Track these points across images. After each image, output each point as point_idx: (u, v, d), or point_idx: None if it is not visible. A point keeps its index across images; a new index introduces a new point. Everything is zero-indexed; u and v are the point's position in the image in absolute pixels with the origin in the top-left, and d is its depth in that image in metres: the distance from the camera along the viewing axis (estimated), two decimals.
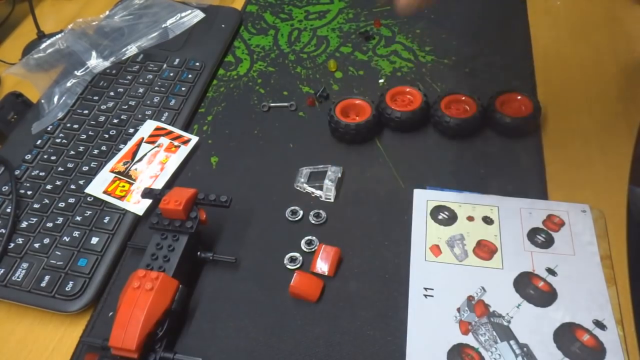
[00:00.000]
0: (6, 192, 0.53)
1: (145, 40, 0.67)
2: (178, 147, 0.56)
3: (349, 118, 0.56)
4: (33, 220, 0.51)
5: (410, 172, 0.53)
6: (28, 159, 0.56)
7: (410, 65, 0.64)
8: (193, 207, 0.46)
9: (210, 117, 0.61)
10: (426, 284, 0.45)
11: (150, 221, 0.46)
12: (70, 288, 0.46)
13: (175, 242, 0.45)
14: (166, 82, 0.63)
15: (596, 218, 0.48)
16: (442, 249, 0.47)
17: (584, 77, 0.61)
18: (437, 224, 0.49)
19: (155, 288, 0.40)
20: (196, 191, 0.47)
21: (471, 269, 0.45)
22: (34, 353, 0.45)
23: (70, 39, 0.66)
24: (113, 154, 0.56)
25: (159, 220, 0.46)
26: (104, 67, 0.65)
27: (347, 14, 0.72)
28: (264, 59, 0.67)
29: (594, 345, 0.40)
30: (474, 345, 0.41)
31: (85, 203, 0.52)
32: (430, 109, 0.56)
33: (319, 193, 0.52)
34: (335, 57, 0.66)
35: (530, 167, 0.52)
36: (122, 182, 0.53)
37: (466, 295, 0.44)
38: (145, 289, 0.40)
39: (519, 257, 0.46)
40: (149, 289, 0.40)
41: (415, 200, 0.50)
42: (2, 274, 0.47)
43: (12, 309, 0.47)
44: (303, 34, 0.70)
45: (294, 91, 0.63)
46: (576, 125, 0.56)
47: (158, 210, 0.46)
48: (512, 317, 0.42)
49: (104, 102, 0.62)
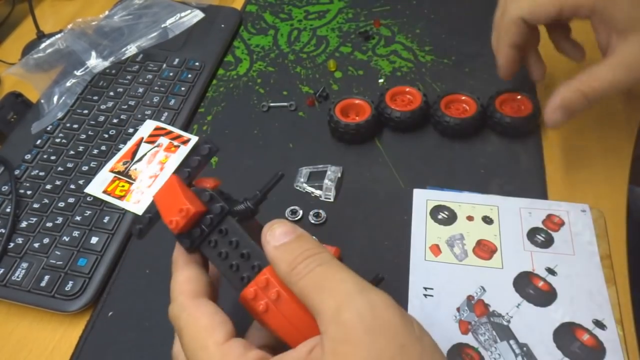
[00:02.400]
0: (6, 192, 0.53)
1: (145, 40, 0.67)
2: (178, 147, 0.56)
3: (348, 118, 0.56)
4: (33, 220, 0.51)
5: (410, 172, 0.53)
6: (28, 159, 0.56)
7: (410, 65, 0.64)
8: (201, 195, 0.34)
9: (210, 117, 0.61)
10: (426, 283, 0.45)
11: (186, 246, 0.34)
12: (70, 288, 0.46)
13: (226, 236, 0.33)
14: (166, 82, 0.63)
15: (596, 218, 0.48)
16: (441, 249, 0.47)
17: None
18: (436, 224, 0.49)
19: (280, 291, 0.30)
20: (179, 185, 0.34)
21: (471, 269, 0.45)
22: (34, 353, 0.45)
23: (70, 39, 0.66)
24: (113, 154, 0.56)
25: (190, 236, 0.34)
26: (104, 67, 0.65)
27: (347, 13, 0.72)
28: (264, 58, 0.67)
29: (593, 344, 0.40)
30: (473, 344, 0.41)
31: (85, 203, 0.52)
32: (430, 108, 0.56)
33: (319, 193, 0.52)
34: (335, 57, 0.66)
35: (530, 167, 0.53)
36: (122, 182, 0.53)
37: (466, 295, 0.44)
38: (272, 301, 0.30)
39: (518, 257, 0.46)
40: (275, 299, 0.30)
41: (415, 200, 0.50)
42: (2, 274, 0.47)
43: (12, 308, 0.47)
44: (303, 33, 0.70)
45: (294, 91, 0.63)
46: (576, 126, 0.56)
47: (183, 236, 0.34)
48: (511, 317, 0.42)
49: (104, 102, 0.62)
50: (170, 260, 0.47)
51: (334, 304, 0.27)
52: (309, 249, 0.29)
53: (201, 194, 0.34)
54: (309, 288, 0.28)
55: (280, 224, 0.31)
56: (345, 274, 0.29)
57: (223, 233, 0.33)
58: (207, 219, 0.33)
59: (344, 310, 0.26)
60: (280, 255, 0.30)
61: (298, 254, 0.29)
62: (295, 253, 0.29)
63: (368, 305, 0.27)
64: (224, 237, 0.33)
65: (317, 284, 0.28)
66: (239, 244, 0.33)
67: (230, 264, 0.32)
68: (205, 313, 0.31)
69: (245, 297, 0.31)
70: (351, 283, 0.28)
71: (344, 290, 0.27)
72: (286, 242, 0.30)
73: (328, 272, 0.29)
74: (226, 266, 0.33)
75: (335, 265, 0.29)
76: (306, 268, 0.29)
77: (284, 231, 0.30)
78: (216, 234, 0.33)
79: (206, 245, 0.34)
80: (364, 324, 0.26)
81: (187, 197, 0.33)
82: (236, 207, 0.34)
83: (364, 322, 0.26)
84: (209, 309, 0.31)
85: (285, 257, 0.29)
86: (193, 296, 0.32)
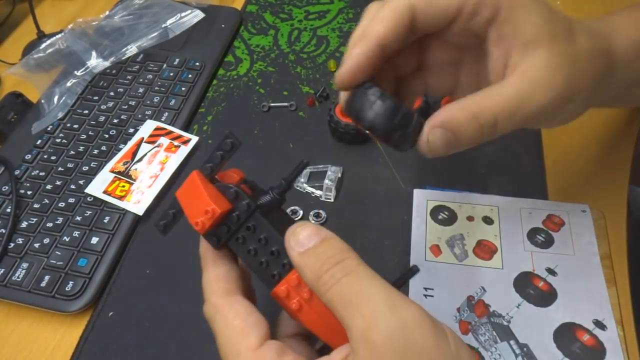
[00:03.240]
0: (6, 192, 0.53)
1: (145, 40, 0.67)
2: (178, 147, 0.56)
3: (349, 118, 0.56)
4: (33, 220, 0.51)
5: (410, 172, 0.53)
6: (28, 159, 0.56)
7: None
8: (226, 192, 0.33)
9: (210, 117, 0.61)
10: (426, 284, 0.45)
11: (213, 244, 0.33)
12: (70, 288, 0.46)
13: (255, 232, 0.32)
14: (166, 82, 0.63)
15: (596, 218, 0.48)
16: (442, 249, 0.47)
17: None
18: (437, 224, 0.49)
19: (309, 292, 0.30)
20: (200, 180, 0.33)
21: (471, 269, 0.45)
22: (34, 353, 0.45)
23: (70, 39, 0.66)
24: (113, 154, 0.56)
25: (217, 233, 0.33)
26: (104, 67, 0.65)
27: (347, 13, 0.72)
28: (264, 58, 0.67)
29: (593, 345, 0.40)
30: (474, 345, 0.41)
31: (85, 203, 0.52)
32: (430, 108, 0.56)
33: (319, 193, 0.52)
34: (336, 57, 0.66)
35: (530, 167, 0.52)
36: (122, 182, 0.53)
37: (466, 295, 0.44)
38: (305, 300, 0.30)
39: (519, 257, 0.46)
40: (308, 298, 0.30)
41: (415, 200, 0.50)
42: (2, 274, 0.47)
43: (12, 309, 0.47)
44: (303, 33, 0.70)
45: (294, 91, 0.63)
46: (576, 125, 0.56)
47: (210, 234, 0.33)
48: (512, 317, 0.42)
49: (104, 102, 0.62)
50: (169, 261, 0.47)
51: (363, 323, 0.26)
52: (334, 255, 0.28)
53: (226, 190, 0.33)
54: (336, 301, 0.27)
55: (303, 226, 0.29)
56: (374, 286, 0.27)
57: (251, 230, 0.32)
58: (233, 217, 0.32)
59: (374, 330, 0.25)
60: (305, 263, 0.28)
61: (323, 260, 0.28)
62: (321, 260, 0.28)
63: (399, 324, 0.25)
64: (252, 234, 0.32)
65: (344, 297, 0.27)
66: (268, 241, 0.32)
67: (260, 261, 0.32)
68: (238, 314, 0.30)
69: (278, 295, 0.30)
70: (380, 298, 0.26)
71: (373, 308, 0.26)
72: (310, 248, 0.29)
73: (355, 284, 0.27)
74: (256, 263, 0.32)
75: (363, 273, 0.28)
76: (332, 278, 0.27)
77: (307, 234, 0.29)
78: (244, 231, 0.32)
79: (234, 242, 0.32)
80: (394, 345, 0.25)
81: (211, 195, 0.32)
82: (262, 200, 0.32)
83: (395, 344, 0.25)
84: (242, 309, 0.30)
85: (310, 265, 0.28)
86: (226, 295, 0.31)
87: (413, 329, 0.26)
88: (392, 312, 0.26)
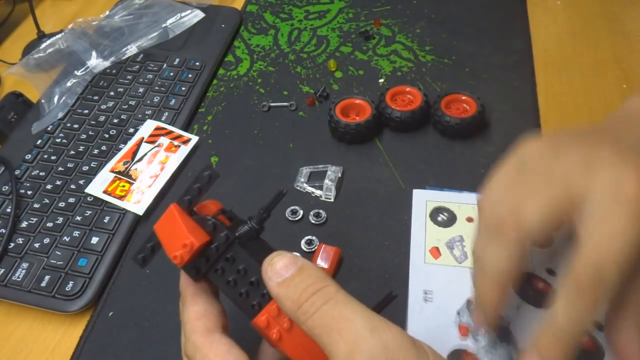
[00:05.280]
0: (6, 192, 0.53)
1: (145, 40, 0.67)
2: (178, 146, 0.56)
3: (349, 118, 0.56)
4: (33, 220, 0.51)
5: (410, 172, 0.53)
6: (28, 159, 0.56)
7: (410, 65, 0.64)
8: (204, 224, 0.33)
9: (210, 116, 0.61)
10: (426, 286, 0.45)
11: (192, 276, 0.33)
12: (70, 288, 0.46)
13: (234, 263, 0.32)
14: (166, 82, 0.63)
15: None
16: (441, 251, 0.47)
17: (584, 77, 0.61)
18: (436, 226, 0.49)
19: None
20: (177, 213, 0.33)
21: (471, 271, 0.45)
22: (34, 353, 0.45)
23: (70, 38, 0.66)
24: (113, 154, 0.56)
25: (196, 265, 0.33)
26: (104, 67, 0.65)
27: (347, 13, 0.72)
28: (264, 58, 0.67)
29: (591, 346, 0.40)
30: (473, 348, 0.41)
31: (85, 203, 0.52)
32: (430, 108, 0.56)
33: (319, 193, 0.52)
34: (335, 56, 0.66)
35: None
36: (122, 182, 0.53)
37: (466, 298, 0.44)
38: (285, 329, 0.30)
39: None
40: (288, 328, 0.30)
41: (414, 200, 0.50)
42: (2, 274, 0.47)
43: (12, 309, 0.47)
44: (303, 33, 0.70)
45: (294, 91, 0.63)
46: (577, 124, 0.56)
47: (189, 266, 0.33)
48: (511, 319, 0.42)
49: (104, 102, 0.62)
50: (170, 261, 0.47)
51: (346, 348, 0.26)
52: (312, 284, 0.28)
53: (204, 222, 0.33)
54: (318, 329, 0.27)
55: (280, 256, 0.30)
56: (354, 311, 0.27)
57: (230, 261, 0.32)
58: (212, 248, 0.32)
59: (357, 354, 0.26)
60: (284, 293, 0.29)
61: (302, 289, 0.28)
62: (299, 289, 0.28)
63: (381, 346, 0.26)
64: (231, 265, 0.32)
65: (325, 324, 0.27)
66: (247, 271, 0.32)
67: (240, 292, 0.31)
68: (218, 353, 0.30)
69: (258, 325, 0.30)
70: (361, 322, 0.27)
71: (354, 332, 0.26)
72: (288, 278, 0.29)
73: (335, 311, 0.27)
74: (235, 294, 0.32)
75: (342, 300, 0.28)
76: (312, 307, 0.28)
77: (284, 264, 0.29)
78: (223, 262, 0.32)
79: (213, 273, 0.33)
80: None
81: (189, 228, 0.32)
82: (241, 230, 0.33)
83: None
84: (222, 347, 0.31)
85: (289, 295, 0.28)
86: (206, 333, 0.31)
87: (395, 350, 0.26)
88: (373, 335, 0.26)
